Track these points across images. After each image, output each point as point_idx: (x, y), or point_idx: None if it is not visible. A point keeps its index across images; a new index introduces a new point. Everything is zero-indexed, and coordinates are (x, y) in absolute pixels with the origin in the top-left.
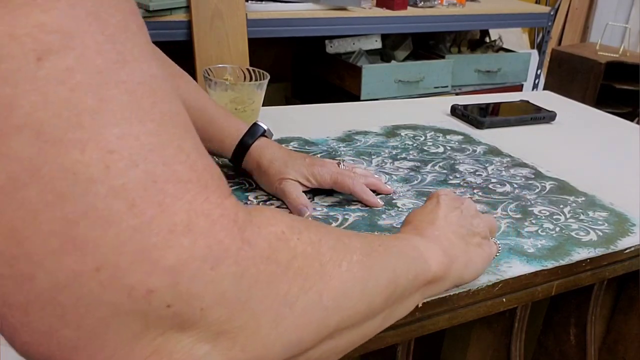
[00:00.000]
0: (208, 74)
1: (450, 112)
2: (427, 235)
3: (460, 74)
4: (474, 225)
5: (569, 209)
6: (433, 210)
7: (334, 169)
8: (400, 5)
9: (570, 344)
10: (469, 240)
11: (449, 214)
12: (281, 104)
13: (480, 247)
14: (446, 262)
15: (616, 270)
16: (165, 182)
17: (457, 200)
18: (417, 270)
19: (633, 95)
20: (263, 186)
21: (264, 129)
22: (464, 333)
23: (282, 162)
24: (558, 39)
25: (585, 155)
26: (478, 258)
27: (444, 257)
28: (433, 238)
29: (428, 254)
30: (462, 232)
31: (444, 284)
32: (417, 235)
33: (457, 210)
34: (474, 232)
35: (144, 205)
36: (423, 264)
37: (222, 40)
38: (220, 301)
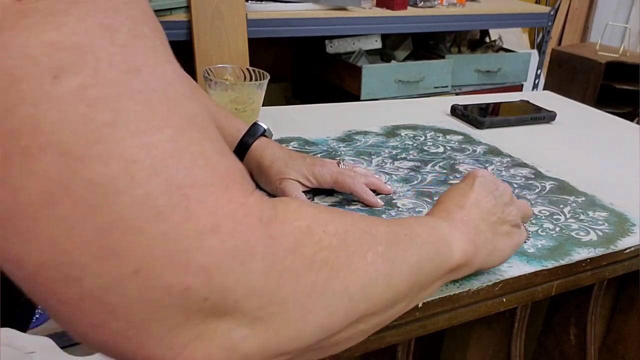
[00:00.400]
0: (208, 74)
1: (450, 112)
2: (455, 220)
3: (460, 74)
4: (505, 213)
5: (569, 209)
6: (466, 193)
7: (334, 168)
8: (400, 5)
9: (570, 343)
10: (497, 228)
11: (481, 200)
12: (281, 104)
13: (508, 236)
14: (470, 251)
15: (616, 270)
16: (187, 188)
17: (493, 185)
18: (440, 260)
19: (633, 95)
20: (263, 186)
21: (264, 128)
22: (464, 333)
23: (283, 162)
24: (558, 39)
25: (585, 155)
26: (504, 246)
27: (469, 246)
28: (461, 224)
29: (453, 242)
30: (492, 220)
31: (466, 271)
32: (445, 221)
33: (490, 196)
34: (504, 220)
35: (169, 211)
36: (447, 253)
37: (222, 40)
38: (252, 293)
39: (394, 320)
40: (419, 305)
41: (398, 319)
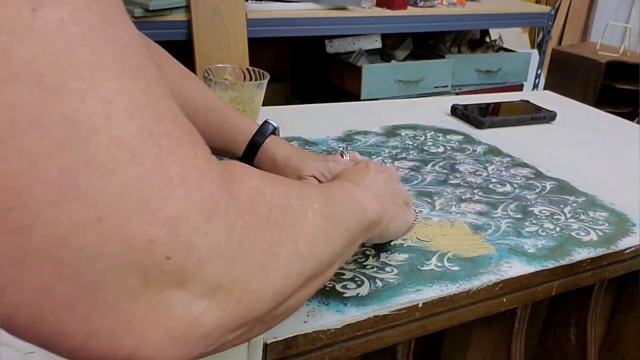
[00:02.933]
0: (208, 73)
1: (451, 112)
2: (360, 184)
3: (460, 74)
4: (398, 189)
5: (569, 209)
6: (362, 169)
7: (345, 163)
8: (400, 5)
9: (571, 343)
10: (394, 198)
11: (377, 175)
12: (281, 103)
13: (402, 209)
14: (379, 209)
15: (616, 270)
16: (160, 136)
17: (383, 167)
18: (359, 216)
19: (633, 95)
20: None
21: (274, 127)
22: (464, 333)
23: (298, 159)
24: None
25: (585, 155)
26: (401, 217)
27: (377, 204)
28: (365, 187)
29: (364, 200)
30: (388, 192)
31: (376, 230)
32: (352, 184)
33: (384, 174)
34: (398, 195)
35: (143, 156)
36: (363, 209)
37: (222, 40)
38: (216, 252)
39: (394, 320)
40: (418, 305)
41: (398, 319)
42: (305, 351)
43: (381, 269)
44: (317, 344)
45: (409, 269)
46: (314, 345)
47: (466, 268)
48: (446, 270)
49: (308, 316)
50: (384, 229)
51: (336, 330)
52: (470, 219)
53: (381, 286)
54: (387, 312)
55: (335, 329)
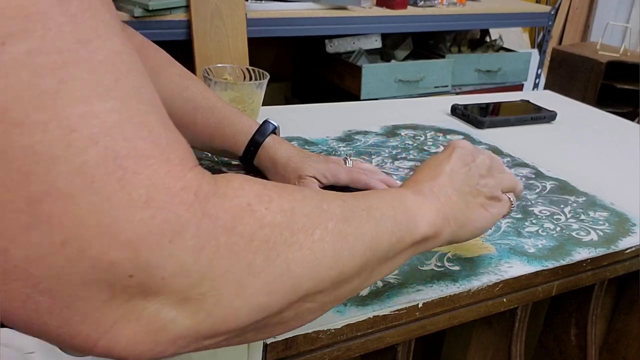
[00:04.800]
0: (208, 73)
1: (451, 111)
2: (423, 191)
3: (460, 74)
4: (480, 184)
5: (569, 209)
6: (441, 163)
7: (346, 169)
8: (400, 4)
9: (571, 344)
10: (470, 199)
11: (456, 170)
12: (281, 103)
13: (483, 208)
14: (438, 222)
15: (617, 271)
16: (125, 158)
17: (470, 156)
18: (403, 233)
19: (633, 95)
20: None
21: (274, 126)
22: (464, 333)
23: (299, 160)
24: (558, 38)
25: (585, 155)
26: (478, 218)
27: (437, 217)
28: (429, 194)
29: (419, 214)
30: (465, 190)
31: (436, 243)
32: (412, 192)
33: (466, 167)
34: (479, 192)
35: (103, 181)
36: (411, 225)
37: (221, 39)
38: (181, 272)
39: (394, 321)
40: (418, 305)
41: (398, 319)
42: (305, 351)
43: None
44: (317, 344)
45: (409, 268)
46: (314, 345)
47: (466, 268)
48: (446, 270)
49: None
50: (450, 238)
51: (336, 330)
52: None
53: (381, 286)
54: (387, 312)
55: (335, 329)
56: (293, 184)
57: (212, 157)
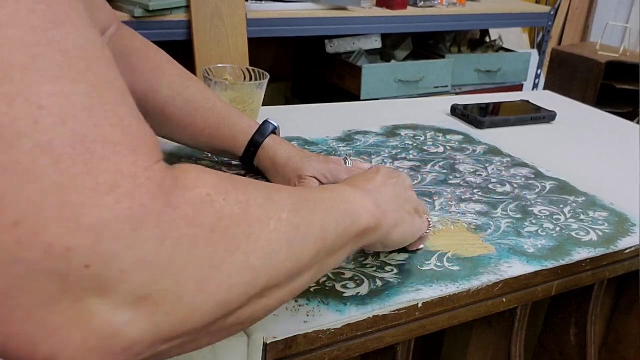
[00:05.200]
0: (208, 73)
1: (450, 112)
2: (361, 189)
3: (460, 74)
4: (408, 194)
5: (569, 209)
6: (371, 173)
7: (346, 169)
8: (400, 5)
9: (571, 344)
10: (402, 204)
11: (386, 179)
12: (281, 104)
13: (411, 215)
14: (377, 214)
15: (616, 271)
16: (93, 142)
17: (395, 172)
18: (347, 224)
19: (633, 95)
20: (278, 183)
21: (274, 126)
22: (464, 333)
23: (299, 160)
24: (558, 38)
25: (585, 155)
26: (408, 223)
27: (375, 209)
28: (367, 191)
29: (359, 206)
30: (396, 195)
31: (373, 236)
32: (351, 188)
33: (394, 179)
34: (407, 201)
35: (69, 162)
36: (353, 216)
37: (222, 40)
38: (141, 264)
39: (394, 320)
40: (418, 305)
41: (398, 319)
42: (305, 351)
43: (381, 269)
44: (317, 344)
45: (408, 268)
46: (314, 345)
47: (466, 268)
48: (446, 270)
49: (308, 316)
50: (385, 236)
51: (336, 330)
52: (470, 219)
53: (381, 286)
54: (387, 312)
55: (335, 329)
56: (293, 184)
57: (212, 157)
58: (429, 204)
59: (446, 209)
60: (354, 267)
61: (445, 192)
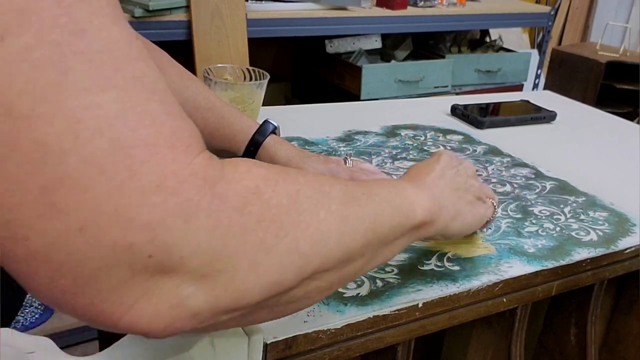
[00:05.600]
0: (208, 73)
1: (451, 112)
2: (417, 183)
3: (460, 74)
4: (468, 184)
5: (569, 209)
6: (431, 164)
7: (346, 169)
8: (400, 5)
9: (571, 344)
10: (461, 195)
11: (446, 170)
12: (281, 103)
13: (471, 205)
14: (433, 209)
15: (616, 271)
16: (132, 147)
17: (457, 160)
18: (401, 218)
19: (633, 95)
20: None
21: (274, 126)
22: (464, 333)
23: (299, 160)
24: (558, 38)
25: (585, 155)
26: (468, 213)
27: (432, 204)
28: (424, 186)
29: (415, 200)
30: (455, 186)
31: (431, 230)
32: (408, 182)
33: (455, 169)
34: (468, 190)
35: (113, 170)
36: (408, 210)
37: (222, 40)
38: (197, 250)
39: (394, 320)
40: (418, 305)
41: (398, 319)
42: (305, 351)
43: (381, 269)
44: (317, 344)
45: (409, 268)
46: (314, 345)
47: (466, 268)
48: (446, 270)
49: (308, 316)
50: (444, 228)
51: (336, 330)
52: None
53: (381, 286)
54: (387, 312)
55: (335, 329)
56: None
57: None
58: None
59: None
60: None
61: None
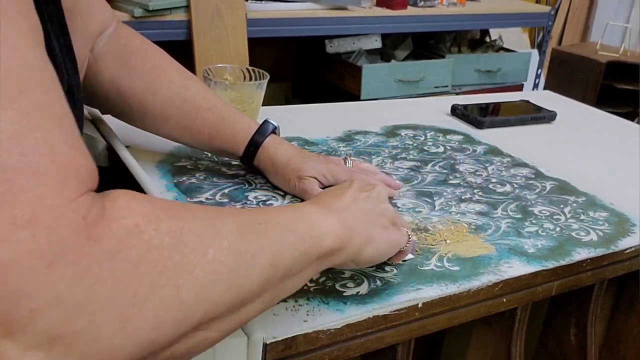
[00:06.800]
0: (208, 73)
1: (451, 112)
2: (326, 207)
3: (460, 74)
4: (382, 207)
5: (569, 209)
6: (342, 188)
7: (346, 169)
8: (400, 4)
9: (571, 344)
10: (374, 219)
11: (358, 194)
12: (281, 104)
13: (385, 229)
14: (343, 235)
15: (616, 271)
16: (16, 173)
17: (369, 185)
18: (306, 246)
19: (633, 95)
20: (278, 184)
21: (274, 126)
22: (464, 333)
23: (299, 160)
24: (558, 38)
25: (585, 155)
26: (381, 239)
27: (342, 229)
28: (333, 209)
29: (323, 225)
30: (367, 209)
31: (342, 257)
32: (316, 206)
33: (367, 192)
34: (381, 214)
35: None
36: (315, 238)
37: (221, 39)
38: (55, 303)
39: (394, 320)
40: (418, 305)
41: (398, 319)
42: (305, 351)
43: (380, 268)
44: (317, 344)
45: (408, 268)
46: (314, 345)
47: (466, 268)
48: (446, 270)
49: (308, 316)
50: (355, 254)
51: (336, 330)
52: (471, 219)
53: (381, 285)
54: (387, 312)
55: (335, 329)
56: (293, 184)
57: (211, 157)
58: (429, 204)
59: (446, 209)
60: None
61: (446, 192)
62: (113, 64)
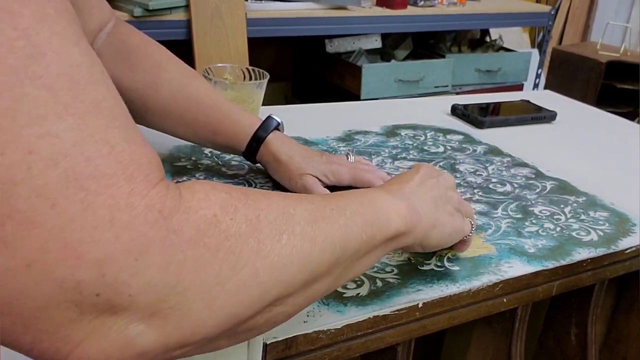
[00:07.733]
0: (208, 73)
1: (451, 111)
2: (395, 191)
3: (460, 74)
4: (448, 195)
5: (569, 209)
6: (410, 174)
7: (349, 165)
8: (400, 4)
9: (571, 344)
10: (440, 205)
11: (425, 179)
12: (281, 103)
13: (451, 216)
14: (411, 218)
15: (617, 270)
16: (87, 179)
17: (436, 171)
18: (374, 230)
19: (634, 95)
20: (279, 180)
21: (277, 122)
22: (464, 333)
23: (301, 158)
24: (559, 38)
25: (586, 155)
26: (447, 224)
27: (408, 212)
28: (400, 194)
29: (390, 209)
30: (434, 195)
31: (409, 239)
32: (384, 192)
33: (434, 179)
34: (447, 200)
35: (65, 204)
36: (382, 222)
37: (221, 39)
38: (147, 288)
39: (394, 321)
40: (418, 305)
41: (398, 319)
42: (305, 351)
43: (381, 269)
44: (317, 344)
45: (408, 268)
46: (314, 345)
47: (466, 268)
48: (446, 270)
49: (308, 316)
50: (422, 237)
51: (336, 330)
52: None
53: (381, 286)
54: (387, 312)
55: (336, 329)
56: (295, 182)
57: (212, 157)
58: None
59: None
60: None
61: None
62: (112, 61)
